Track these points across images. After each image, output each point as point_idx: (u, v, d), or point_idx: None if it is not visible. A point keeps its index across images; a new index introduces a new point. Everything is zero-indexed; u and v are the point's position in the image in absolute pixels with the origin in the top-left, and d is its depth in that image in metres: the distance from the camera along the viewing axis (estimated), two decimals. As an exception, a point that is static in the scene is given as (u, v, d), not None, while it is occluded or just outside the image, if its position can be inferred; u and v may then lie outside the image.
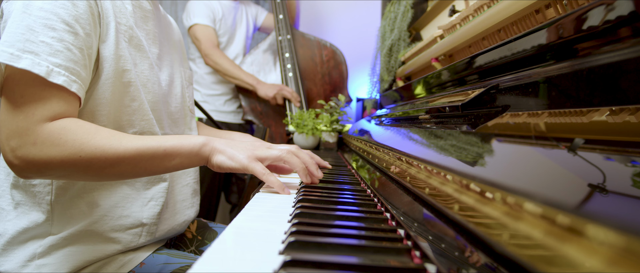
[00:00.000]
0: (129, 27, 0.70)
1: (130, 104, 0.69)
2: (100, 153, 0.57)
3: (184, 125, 0.88)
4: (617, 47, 0.39)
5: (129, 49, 0.70)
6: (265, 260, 0.35)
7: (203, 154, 0.64)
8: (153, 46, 0.78)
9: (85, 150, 0.56)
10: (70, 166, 0.56)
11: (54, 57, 0.56)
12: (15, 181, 0.67)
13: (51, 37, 0.56)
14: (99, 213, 0.69)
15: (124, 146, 0.58)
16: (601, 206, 0.23)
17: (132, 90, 0.69)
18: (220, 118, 1.96)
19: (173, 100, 0.83)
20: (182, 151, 0.62)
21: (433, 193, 0.41)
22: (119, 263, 0.70)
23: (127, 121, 0.69)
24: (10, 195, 0.68)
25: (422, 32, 1.41)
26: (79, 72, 0.59)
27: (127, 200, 0.71)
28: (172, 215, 0.80)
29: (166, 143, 0.61)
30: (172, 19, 0.95)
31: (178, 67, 0.87)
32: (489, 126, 0.50)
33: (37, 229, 0.66)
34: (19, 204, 0.67)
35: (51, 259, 0.66)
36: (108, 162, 0.57)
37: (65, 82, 0.56)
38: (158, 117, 0.76)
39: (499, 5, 0.70)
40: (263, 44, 2.01)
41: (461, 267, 0.30)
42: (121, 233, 0.70)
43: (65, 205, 0.67)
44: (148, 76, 0.74)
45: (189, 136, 0.64)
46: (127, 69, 0.67)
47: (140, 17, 0.75)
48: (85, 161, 0.56)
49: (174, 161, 0.62)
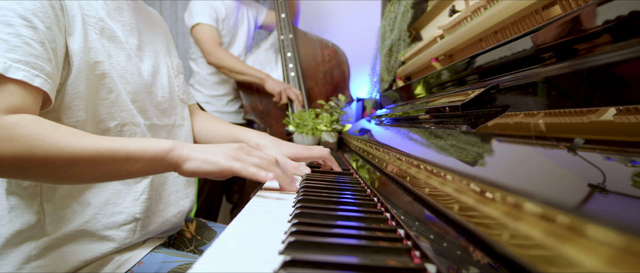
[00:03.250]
0: (99, 19, 0.70)
1: (108, 96, 0.68)
2: (55, 151, 0.53)
3: (174, 115, 0.87)
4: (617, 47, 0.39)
5: (101, 41, 0.69)
6: (265, 260, 0.35)
7: (169, 161, 0.59)
8: (131, 36, 0.77)
9: (39, 147, 0.52)
10: (23, 164, 0.52)
11: (11, 53, 0.54)
12: (9, 187, 0.67)
13: (7, 34, 0.55)
14: (92, 211, 0.68)
15: (83, 145, 0.54)
16: (601, 206, 0.23)
17: (108, 82, 0.68)
18: (222, 118, 1.96)
19: (159, 90, 0.82)
20: (146, 155, 0.57)
21: (433, 193, 0.41)
22: (116, 262, 0.70)
23: (106, 114, 0.69)
24: (6, 200, 0.68)
25: (422, 32, 1.41)
26: (41, 66, 0.57)
27: (118, 195, 0.71)
28: (166, 206, 0.80)
29: (128, 146, 0.57)
30: (154, 11, 0.95)
31: (164, 57, 0.87)
32: (489, 126, 0.50)
33: (30, 231, 0.66)
34: (13, 208, 0.67)
35: (47, 260, 0.66)
36: (63, 161, 0.53)
37: (26, 77, 0.55)
38: (141, 107, 0.76)
39: (498, 5, 0.70)
40: (265, 43, 2.01)
41: (461, 266, 0.30)
42: (115, 230, 0.70)
43: (57, 205, 0.67)
44: (125, 66, 0.73)
45: (155, 140, 0.60)
46: (99, 60, 0.67)
47: (113, 8, 0.75)
48: (39, 159, 0.52)
49: (136, 165, 0.57)
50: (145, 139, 0.60)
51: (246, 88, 1.92)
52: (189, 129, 0.92)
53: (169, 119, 0.85)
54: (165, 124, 0.84)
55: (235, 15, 1.95)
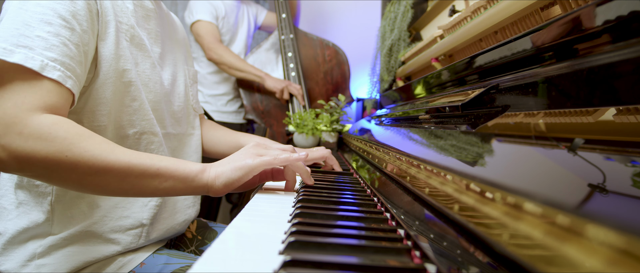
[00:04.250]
0: (130, 26, 0.70)
1: (131, 104, 0.69)
2: (88, 157, 0.52)
3: (187, 124, 0.88)
4: (616, 47, 0.39)
5: (131, 49, 0.69)
6: (265, 260, 0.35)
7: (199, 182, 0.58)
8: (155, 45, 0.78)
9: (72, 151, 0.52)
10: (54, 166, 0.51)
11: (49, 52, 0.54)
12: (20, 181, 0.67)
13: (47, 32, 0.55)
14: (100, 213, 0.68)
15: (116, 155, 0.54)
16: (601, 206, 0.23)
17: (133, 90, 0.68)
18: (222, 118, 1.96)
19: (176, 99, 0.83)
20: (176, 173, 0.57)
21: (433, 193, 0.41)
22: (119, 263, 0.70)
23: (127, 121, 0.69)
24: (15, 194, 0.68)
25: (422, 32, 1.41)
26: (74, 68, 0.57)
27: (127, 200, 0.71)
28: (172, 214, 0.80)
29: (160, 163, 0.57)
30: (175, 17, 0.95)
31: (182, 66, 0.87)
32: (489, 126, 0.50)
33: (37, 229, 0.66)
34: (22, 204, 0.67)
35: (51, 259, 0.66)
36: (94, 169, 0.53)
37: (60, 77, 0.55)
38: (160, 116, 0.76)
39: (498, 5, 0.70)
40: (265, 43, 2.01)
41: (461, 266, 0.30)
42: (121, 233, 0.70)
43: (66, 205, 0.67)
44: (150, 75, 0.73)
45: (186, 162, 0.60)
46: (128, 68, 0.67)
47: (142, 16, 0.75)
48: (71, 163, 0.52)
49: (165, 183, 0.57)
50: (177, 160, 0.60)
51: (247, 87, 1.92)
52: (199, 138, 0.92)
53: (181, 128, 0.85)
54: (178, 133, 0.84)
55: (236, 14, 1.95)
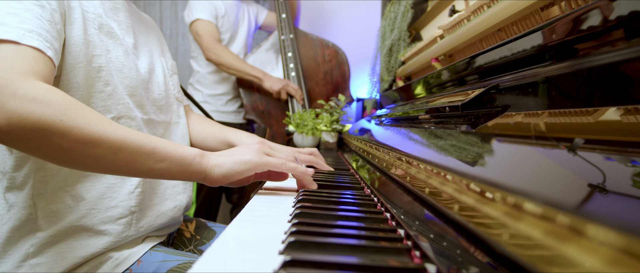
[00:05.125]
0: (97, 15, 0.71)
1: (104, 89, 0.69)
2: (83, 125, 0.50)
3: (170, 112, 0.89)
4: (616, 47, 0.39)
5: (100, 36, 0.71)
6: (265, 260, 0.35)
7: (196, 167, 0.58)
8: (127, 35, 0.79)
9: (68, 115, 0.50)
10: (46, 130, 0.49)
11: (23, 24, 0.54)
12: (9, 184, 0.67)
13: (18, 8, 0.55)
14: (86, 206, 0.68)
15: (112, 127, 0.53)
16: (601, 206, 0.23)
17: (104, 75, 0.69)
18: (221, 118, 1.95)
19: (155, 87, 0.84)
20: (172, 155, 0.57)
21: (433, 193, 0.41)
22: (115, 261, 0.70)
23: (103, 107, 0.69)
24: (4, 198, 0.68)
25: (422, 32, 1.41)
26: (51, 41, 0.57)
27: (112, 189, 0.71)
28: (162, 200, 0.80)
29: (158, 142, 0.56)
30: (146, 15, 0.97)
31: (158, 57, 0.89)
32: (489, 126, 0.50)
33: (24, 226, 0.66)
34: (12, 206, 0.67)
35: (44, 258, 0.66)
36: (88, 138, 0.51)
37: (41, 45, 0.54)
38: (139, 102, 0.77)
39: (498, 5, 0.70)
40: (265, 43, 2.01)
41: (461, 266, 0.30)
42: (111, 224, 0.69)
43: (49, 199, 0.66)
44: (123, 61, 0.75)
45: (186, 146, 0.60)
46: (97, 54, 0.68)
47: (109, 8, 0.77)
48: (65, 128, 0.49)
49: (160, 164, 0.56)
50: (176, 143, 0.59)
51: (247, 87, 1.92)
52: (185, 127, 0.93)
53: (165, 116, 0.87)
54: (163, 120, 0.86)
55: (236, 13, 1.95)
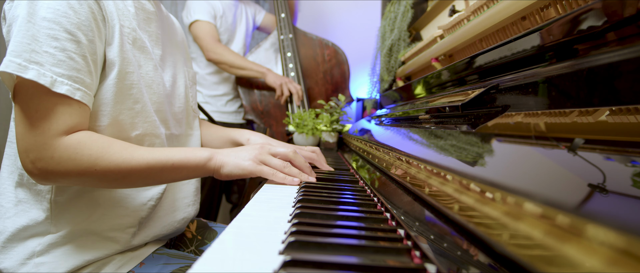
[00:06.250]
0: (132, 29, 0.71)
1: (133, 106, 0.69)
2: (113, 167, 0.61)
3: (186, 125, 0.88)
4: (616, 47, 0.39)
5: (133, 51, 0.70)
6: (265, 260, 0.35)
7: (209, 167, 0.67)
8: (156, 47, 0.78)
9: (99, 164, 0.60)
10: (86, 177, 0.60)
11: (57, 67, 0.58)
12: (20, 180, 0.67)
13: (54, 47, 0.58)
14: (99, 212, 0.69)
15: (136, 160, 0.62)
16: (601, 206, 0.23)
17: (135, 92, 0.69)
18: (221, 118, 1.95)
19: (176, 100, 0.84)
20: (189, 164, 0.66)
21: (433, 193, 0.41)
22: (118, 263, 0.70)
23: (129, 124, 0.69)
24: (14, 193, 0.68)
25: (422, 32, 1.41)
26: (82, 79, 0.61)
27: (127, 199, 0.71)
28: (172, 211, 0.80)
29: (174, 157, 0.65)
30: (174, 19, 0.95)
31: (181, 67, 0.88)
32: (489, 126, 0.50)
33: (37, 227, 0.66)
34: (21, 202, 0.67)
35: (50, 257, 0.66)
36: (120, 174, 0.61)
37: (68, 91, 0.59)
38: (163, 117, 0.77)
39: (498, 5, 0.70)
40: (265, 43, 2.01)
41: (461, 266, 0.30)
42: (120, 232, 0.70)
43: (66, 204, 0.67)
44: (153, 77, 0.74)
45: (195, 150, 0.68)
46: (130, 71, 0.68)
47: (143, 19, 0.76)
48: (100, 173, 0.60)
49: (181, 173, 0.66)
50: (187, 150, 0.68)
51: (246, 87, 1.92)
52: (198, 138, 0.93)
53: (182, 128, 0.86)
54: (180, 133, 0.86)
55: (234, 13, 1.95)
